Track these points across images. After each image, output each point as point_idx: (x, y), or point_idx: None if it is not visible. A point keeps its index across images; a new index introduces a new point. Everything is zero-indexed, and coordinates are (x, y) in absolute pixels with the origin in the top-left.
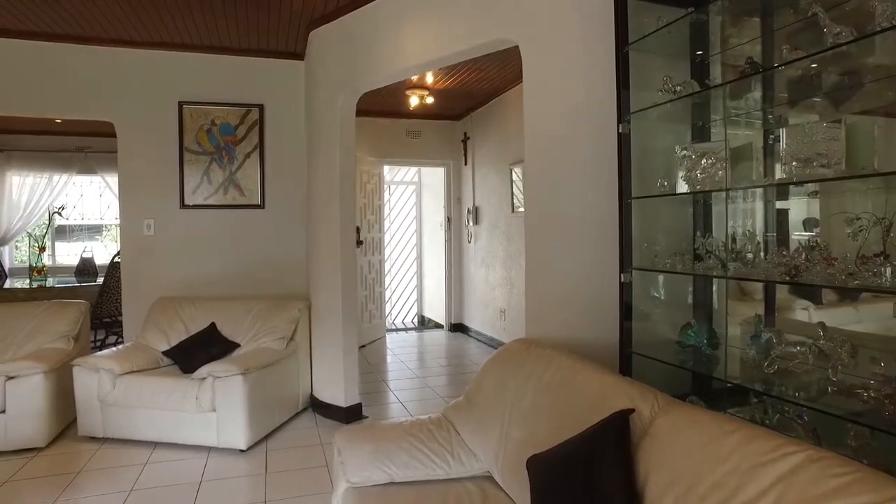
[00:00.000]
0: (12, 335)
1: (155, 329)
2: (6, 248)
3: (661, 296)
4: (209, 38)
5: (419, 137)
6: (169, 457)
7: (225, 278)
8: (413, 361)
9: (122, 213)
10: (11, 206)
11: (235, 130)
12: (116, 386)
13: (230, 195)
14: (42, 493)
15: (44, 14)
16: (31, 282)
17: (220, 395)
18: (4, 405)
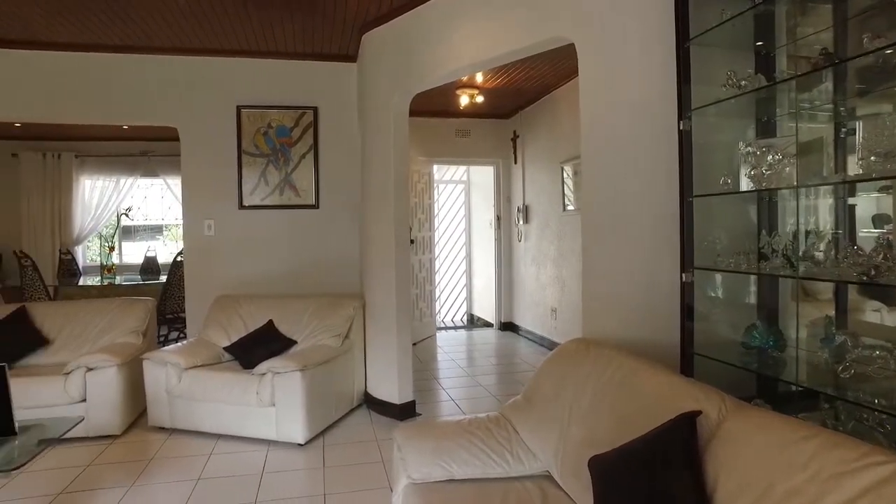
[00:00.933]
0: (88, 330)
1: (216, 326)
2: (80, 247)
3: (721, 296)
4: (265, 43)
5: (468, 136)
6: (232, 448)
7: (281, 277)
8: (463, 359)
9: (185, 214)
10: (84, 208)
11: (291, 132)
12: (182, 379)
13: (286, 196)
14: (120, 477)
15: (117, 28)
16: (102, 279)
17: (279, 390)
18: (85, 395)
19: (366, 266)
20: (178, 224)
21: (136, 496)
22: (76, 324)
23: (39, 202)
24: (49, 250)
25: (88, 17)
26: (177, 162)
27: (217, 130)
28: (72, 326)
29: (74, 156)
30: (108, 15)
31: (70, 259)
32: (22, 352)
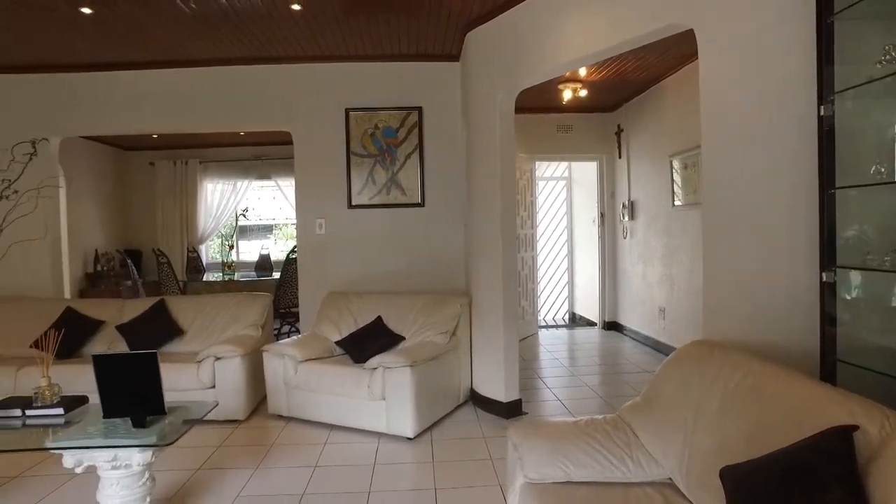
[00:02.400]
0: (215, 322)
1: (328, 321)
2: (203, 246)
3: (868, 297)
4: (372, 47)
5: (570, 132)
6: (344, 439)
7: (388, 274)
8: (566, 359)
9: (298, 214)
10: (207, 210)
11: (396, 133)
12: (298, 371)
13: (392, 195)
14: (246, 459)
15: (242, 43)
16: (224, 275)
17: (389, 384)
18: (214, 381)
19: (471, 263)
20: (289, 223)
21: (262, 478)
22: (205, 316)
23: (171, 205)
24: (178, 249)
25: (220, 35)
26: (288, 164)
27: (327, 133)
28: (201, 318)
29: (199, 162)
30: (235, 33)
31: (196, 257)
32: (162, 340)
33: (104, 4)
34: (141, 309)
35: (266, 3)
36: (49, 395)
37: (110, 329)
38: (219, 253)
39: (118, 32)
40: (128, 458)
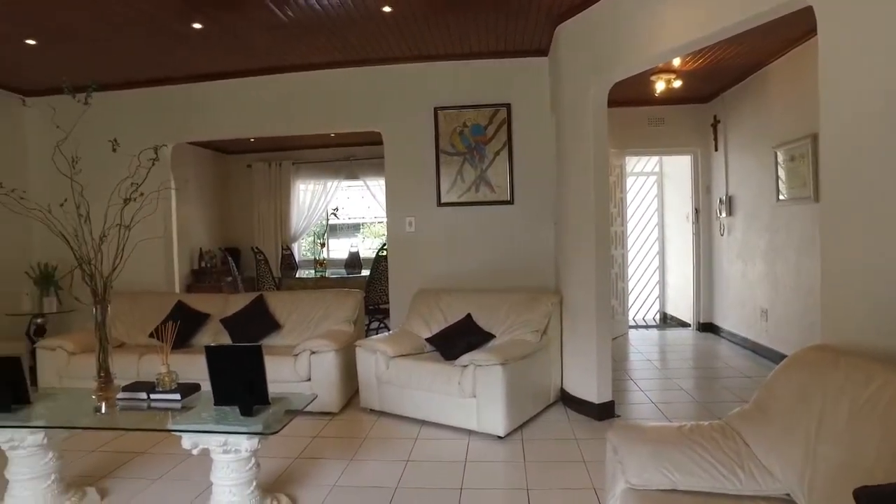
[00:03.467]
0: (310, 317)
1: (418, 318)
2: (295, 244)
3: None
4: (461, 45)
5: (662, 125)
6: (435, 435)
7: (477, 272)
8: (659, 360)
9: (388, 212)
10: (299, 210)
11: (485, 130)
12: (390, 367)
13: (481, 192)
14: (340, 451)
15: (334, 48)
16: (315, 272)
17: (480, 382)
18: (310, 374)
19: (562, 261)
20: (376, 221)
21: (356, 470)
22: (300, 311)
23: (266, 205)
24: (273, 247)
25: (314, 41)
26: (376, 164)
27: (416, 132)
28: (297, 313)
29: (292, 163)
30: (328, 38)
31: (289, 254)
32: (261, 333)
33: (211, 19)
34: (242, 304)
35: (359, 6)
36: (168, 382)
37: (215, 322)
38: (309, 251)
39: (223, 44)
40: (237, 443)
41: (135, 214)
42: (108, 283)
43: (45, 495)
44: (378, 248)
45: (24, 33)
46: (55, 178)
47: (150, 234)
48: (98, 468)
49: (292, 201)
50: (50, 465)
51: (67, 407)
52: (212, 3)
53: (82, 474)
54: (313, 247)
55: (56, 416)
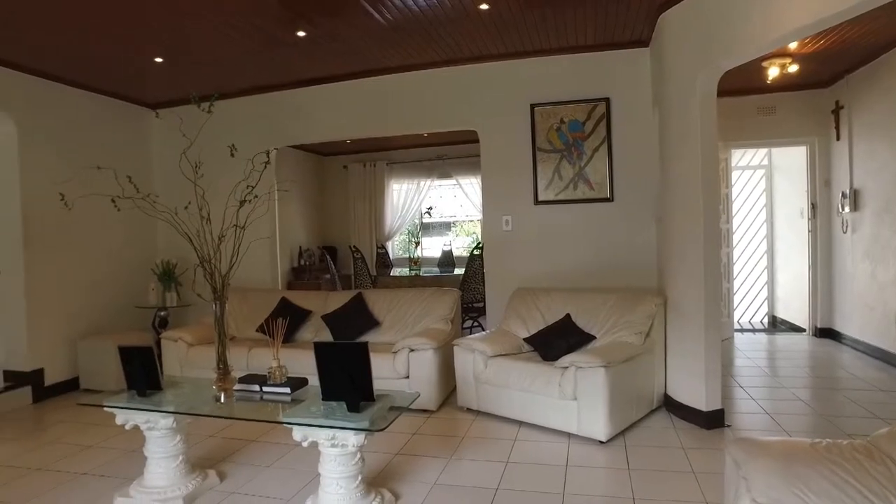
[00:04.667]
0: (408, 315)
1: (515, 317)
2: (389, 242)
3: None
4: (557, 40)
5: (773, 114)
6: (533, 437)
7: (575, 271)
8: (770, 367)
9: (485, 211)
10: (393, 209)
11: (583, 126)
12: (488, 366)
13: (579, 190)
14: (439, 449)
15: (429, 49)
16: (410, 270)
17: (581, 384)
18: (408, 372)
19: (666, 260)
20: (468, 220)
21: (456, 468)
22: (398, 309)
23: (362, 205)
24: (368, 245)
25: (411, 42)
26: (468, 163)
27: (512, 130)
28: (395, 311)
29: (386, 164)
30: (425, 39)
31: (384, 253)
32: (360, 330)
33: (315, 26)
34: (342, 301)
35: (455, 6)
36: (279, 376)
37: (317, 318)
38: (402, 249)
39: (324, 50)
40: (344, 438)
41: (249, 215)
42: (226, 280)
43: (174, 473)
44: (472, 246)
45: (154, 52)
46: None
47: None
48: (215, 452)
49: (386, 200)
50: (178, 447)
51: (191, 395)
52: (316, 11)
53: (202, 457)
54: (408, 245)
55: (183, 403)
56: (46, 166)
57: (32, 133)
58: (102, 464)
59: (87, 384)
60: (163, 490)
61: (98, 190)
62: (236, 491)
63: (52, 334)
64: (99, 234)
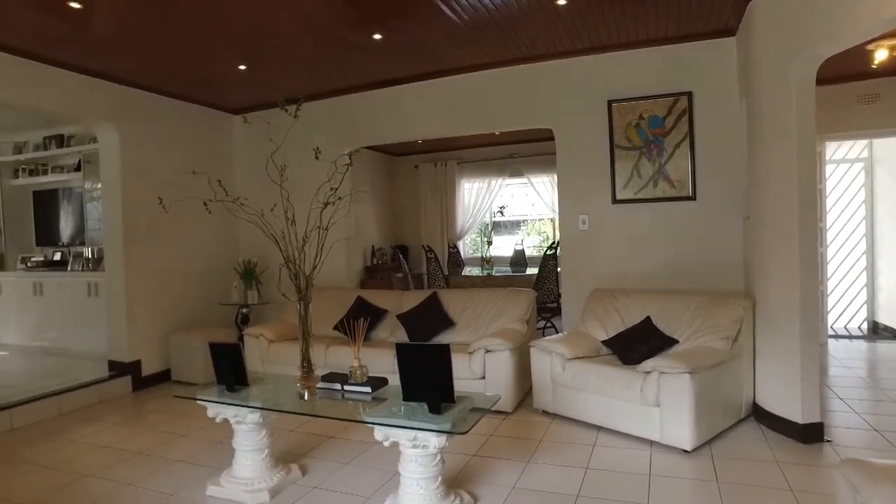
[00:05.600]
0: (483, 315)
1: (593, 319)
2: (460, 241)
3: None
4: (636, 33)
5: (876, 101)
6: (613, 443)
7: (655, 272)
8: (872, 378)
9: (561, 210)
10: (464, 208)
11: (663, 122)
12: (566, 369)
13: (660, 188)
14: (516, 451)
15: (501, 44)
16: (482, 270)
17: (665, 390)
18: (484, 373)
19: (755, 261)
20: (540, 219)
21: (534, 472)
22: (473, 309)
23: (432, 204)
24: (439, 244)
25: (486, 41)
26: (539, 161)
27: (589, 127)
28: (470, 311)
29: (457, 163)
30: (500, 37)
31: (455, 252)
32: (435, 330)
33: (390, 29)
34: (416, 300)
35: (532, 2)
36: (360, 375)
37: (392, 318)
38: (472, 248)
39: (400, 51)
40: (426, 439)
41: (331, 217)
42: (310, 280)
43: (261, 466)
44: (545, 246)
45: (238, 60)
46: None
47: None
48: (296, 447)
49: (457, 200)
50: (264, 441)
51: (276, 391)
52: (392, 14)
53: (284, 451)
54: (479, 244)
55: (269, 399)
56: (142, 171)
57: (131, 140)
58: (194, 452)
59: (178, 376)
60: (250, 481)
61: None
62: (318, 486)
63: (147, 329)
64: (189, 235)
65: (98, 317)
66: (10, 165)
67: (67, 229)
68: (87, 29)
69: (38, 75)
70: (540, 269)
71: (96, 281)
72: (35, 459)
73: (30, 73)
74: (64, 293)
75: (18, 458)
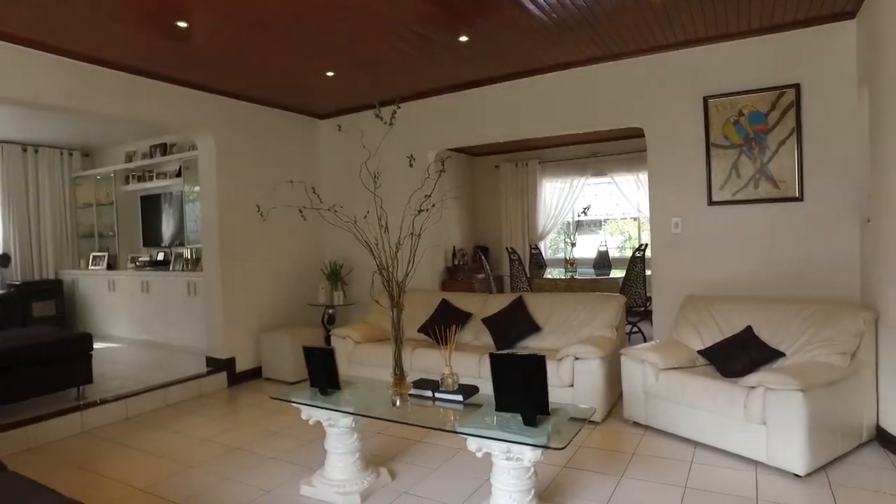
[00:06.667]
0: (570, 321)
1: (688, 327)
2: (542, 242)
3: None
4: (737, 23)
5: None
6: (712, 461)
7: (755, 278)
8: None
9: (652, 212)
10: (545, 208)
11: (766, 117)
12: (659, 379)
13: (762, 189)
14: (607, 465)
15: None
16: (566, 272)
17: (772, 408)
18: (573, 380)
19: (878, 270)
20: (623, 218)
21: (628, 489)
22: (560, 314)
23: (513, 205)
24: (520, 245)
25: (574, 39)
26: (623, 160)
27: (682, 125)
28: (556, 316)
29: (538, 162)
30: (589, 34)
31: (537, 253)
32: (521, 335)
33: (477, 30)
34: (502, 304)
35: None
36: (451, 383)
37: (476, 321)
38: (552, 248)
39: (486, 53)
40: (520, 452)
41: (423, 223)
42: (402, 287)
43: (352, 469)
44: (633, 248)
45: (326, 67)
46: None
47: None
48: (383, 449)
49: (539, 200)
50: (355, 444)
51: (368, 396)
52: (479, 14)
53: (372, 453)
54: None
55: (360, 404)
56: (236, 175)
57: (225, 146)
58: (288, 450)
59: (268, 373)
60: (342, 484)
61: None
62: (407, 491)
63: (241, 328)
64: (279, 238)
65: (195, 314)
66: (122, 173)
67: (169, 231)
68: (189, 44)
69: (145, 90)
70: (627, 273)
71: (195, 281)
72: (148, 447)
73: (137, 88)
74: (166, 291)
75: (134, 445)
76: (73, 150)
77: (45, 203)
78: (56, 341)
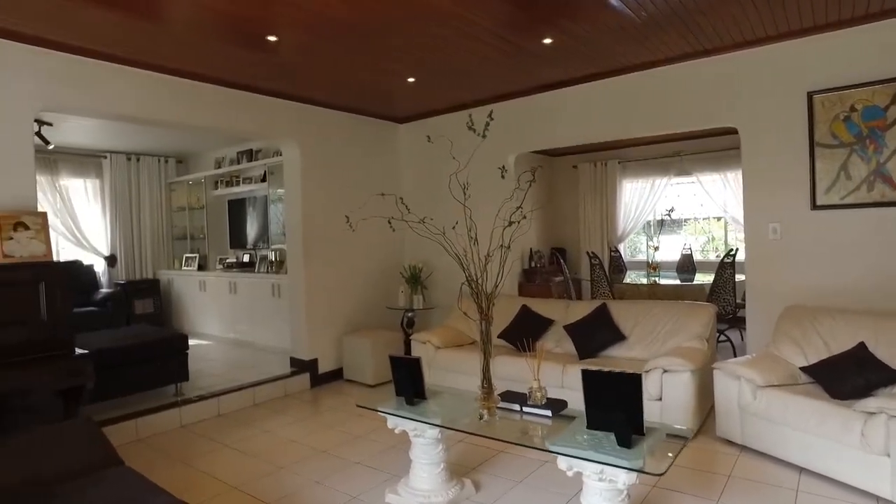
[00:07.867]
0: (657, 330)
1: (788, 341)
2: (622, 244)
3: None
4: (851, 9)
5: None
6: (822, 491)
7: (865, 290)
8: None
9: (746, 217)
10: (625, 209)
11: (885, 112)
12: (758, 397)
13: (876, 191)
14: (701, 487)
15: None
16: (648, 276)
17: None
18: (661, 394)
19: None
20: (706, 218)
21: None
22: (645, 323)
23: (592, 206)
24: (599, 248)
25: (664, 36)
26: (708, 159)
27: (782, 124)
28: (642, 325)
29: (618, 162)
30: (679, 30)
31: (617, 256)
32: (604, 344)
33: (563, 32)
34: (584, 311)
35: None
36: (539, 397)
37: (558, 328)
38: (630, 250)
39: (569, 54)
40: (614, 474)
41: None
42: (491, 299)
43: (437, 479)
44: (724, 253)
45: (407, 73)
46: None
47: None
48: (467, 459)
49: (618, 201)
50: (440, 455)
51: (454, 407)
52: (564, 15)
53: (454, 462)
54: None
55: (447, 415)
56: (319, 181)
57: (309, 153)
58: (371, 455)
59: (349, 375)
60: (427, 494)
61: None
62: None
63: (323, 330)
64: (361, 241)
65: (279, 315)
66: (212, 178)
67: (253, 233)
68: (278, 56)
69: (237, 101)
70: (715, 278)
71: (279, 283)
72: (239, 446)
73: (226, 99)
74: (252, 292)
75: (227, 442)
76: (168, 158)
77: (145, 207)
78: (157, 340)
